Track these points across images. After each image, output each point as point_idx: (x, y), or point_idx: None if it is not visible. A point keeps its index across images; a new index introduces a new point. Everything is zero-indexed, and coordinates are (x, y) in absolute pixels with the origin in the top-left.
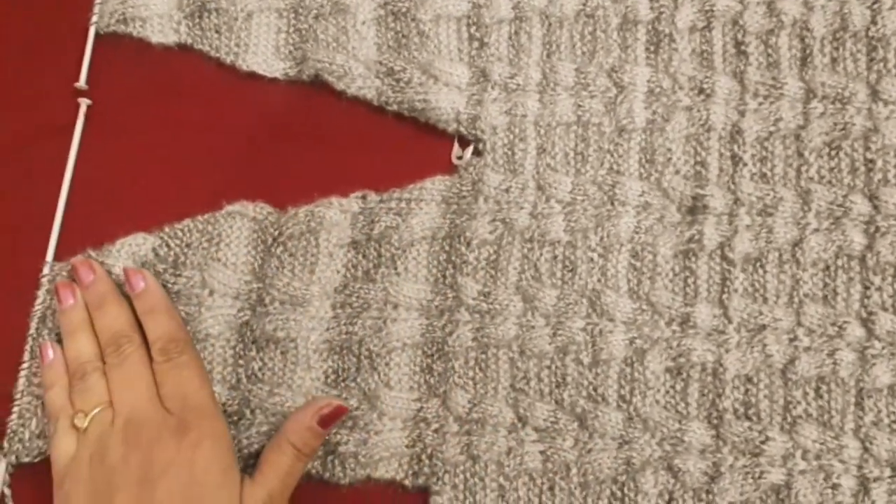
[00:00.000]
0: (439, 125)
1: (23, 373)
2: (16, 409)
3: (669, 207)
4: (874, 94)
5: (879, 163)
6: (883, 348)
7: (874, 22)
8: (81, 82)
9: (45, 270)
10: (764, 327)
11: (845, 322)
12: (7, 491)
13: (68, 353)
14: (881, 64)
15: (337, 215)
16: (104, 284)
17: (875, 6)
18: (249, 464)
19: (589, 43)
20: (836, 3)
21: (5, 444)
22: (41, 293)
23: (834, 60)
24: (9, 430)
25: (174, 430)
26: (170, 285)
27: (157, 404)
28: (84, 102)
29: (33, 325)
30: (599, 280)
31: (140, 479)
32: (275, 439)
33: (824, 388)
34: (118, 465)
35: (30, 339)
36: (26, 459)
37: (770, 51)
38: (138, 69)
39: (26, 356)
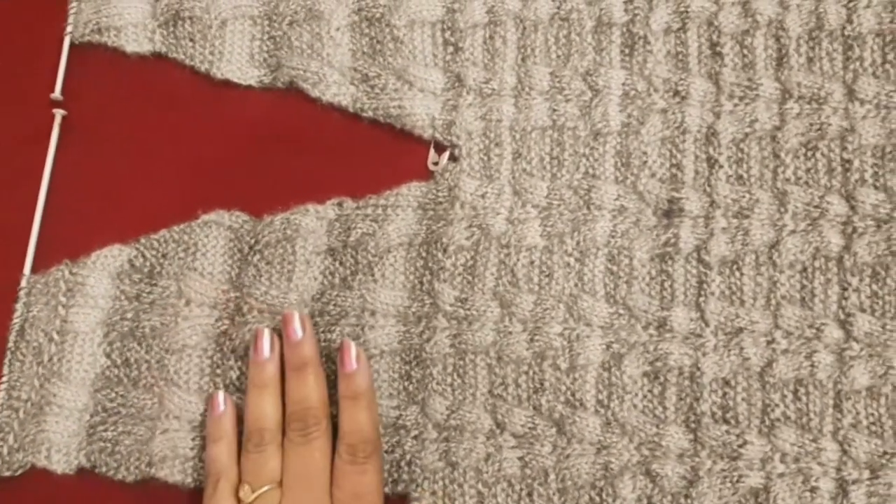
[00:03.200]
0: (415, 131)
1: (2, 386)
2: None
3: (645, 211)
4: (850, 94)
5: (856, 163)
6: (861, 350)
7: (850, 21)
8: (56, 93)
9: (23, 283)
10: (741, 330)
11: (823, 324)
12: None
13: (250, 411)
14: (857, 63)
15: (313, 222)
16: (311, 348)
17: (850, 5)
18: None
19: (563, 46)
20: (812, 3)
21: None
22: (19, 306)
23: (810, 60)
24: None
25: None
26: (145, 295)
27: None
28: (59, 113)
29: (11, 338)
30: (576, 285)
31: None
32: None
33: (802, 390)
34: None
35: (8, 352)
36: (7, 473)
37: (745, 51)
38: (113, 79)
39: (5, 369)
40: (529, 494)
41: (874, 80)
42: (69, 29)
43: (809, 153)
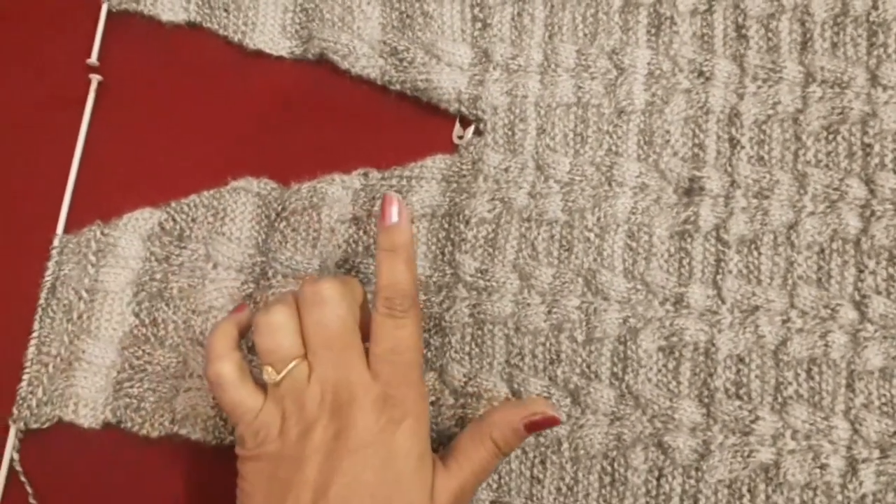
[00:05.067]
0: (441, 105)
1: (32, 341)
2: (25, 376)
3: (666, 189)
4: (873, 79)
5: (877, 147)
6: (875, 331)
7: (875, 7)
8: (93, 59)
9: (55, 242)
10: (757, 308)
11: (838, 305)
12: (16, 456)
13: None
14: (881, 49)
15: (339, 191)
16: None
17: None
18: None
19: (590, 25)
20: None
21: (14, 411)
22: (51, 264)
23: (834, 45)
24: (18, 398)
25: (376, 400)
26: (174, 257)
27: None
28: (95, 78)
29: (43, 295)
30: (595, 259)
31: (333, 448)
32: (475, 430)
33: (815, 369)
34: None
35: (39, 309)
36: (35, 426)
37: (770, 34)
38: (148, 46)
39: (36, 325)
40: (542, 462)
41: None
42: None
43: (831, 136)
